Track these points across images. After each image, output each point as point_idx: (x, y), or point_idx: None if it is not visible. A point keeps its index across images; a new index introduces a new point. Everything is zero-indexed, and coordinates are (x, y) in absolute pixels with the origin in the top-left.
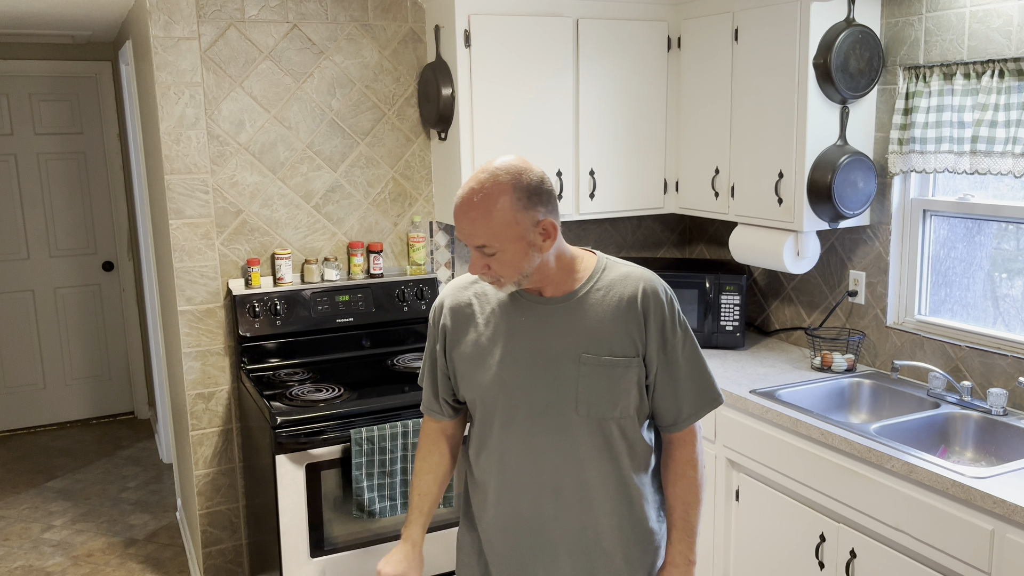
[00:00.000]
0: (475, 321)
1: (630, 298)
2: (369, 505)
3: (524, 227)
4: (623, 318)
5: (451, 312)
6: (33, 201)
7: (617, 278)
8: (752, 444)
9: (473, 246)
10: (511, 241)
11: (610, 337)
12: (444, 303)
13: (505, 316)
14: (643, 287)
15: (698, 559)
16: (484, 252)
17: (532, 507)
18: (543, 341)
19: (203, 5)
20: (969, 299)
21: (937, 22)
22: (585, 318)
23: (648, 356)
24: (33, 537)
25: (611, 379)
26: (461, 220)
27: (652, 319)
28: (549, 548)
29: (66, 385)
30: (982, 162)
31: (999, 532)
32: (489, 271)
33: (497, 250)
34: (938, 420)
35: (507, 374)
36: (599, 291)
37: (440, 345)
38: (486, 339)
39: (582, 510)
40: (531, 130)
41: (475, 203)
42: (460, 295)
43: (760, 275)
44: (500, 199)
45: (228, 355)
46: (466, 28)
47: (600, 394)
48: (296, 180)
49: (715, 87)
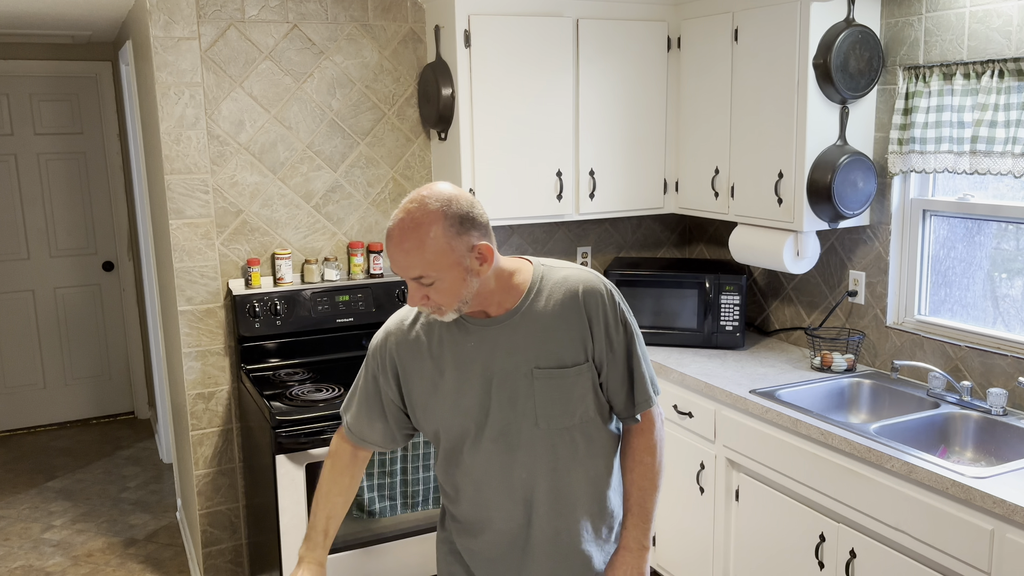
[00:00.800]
0: (424, 353)
1: (571, 302)
2: (369, 505)
3: (459, 253)
4: (567, 324)
5: (398, 347)
6: (33, 201)
7: (556, 284)
8: (752, 444)
9: (409, 278)
10: (447, 269)
11: (558, 347)
12: (389, 339)
13: (452, 343)
14: (582, 289)
15: (691, 559)
16: (421, 283)
17: (507, 521)
18: (494, 362)
19: (203, 5)
20: (969, 299)
21: (937, 22)
22: (531, 332)
23: (597, 357)
24: (33, 537)
25: (565, 389)
26: (395, 252)
27: (596, 320)
28: (529, 554)
29: (66, 385)
30: (982, 162)
31: (999, 532)
32: (428, 301)
33: (434, 279)
34: (938, 420)
35: (464, 401)
36: (540, 301)
37: (391, 380)
38: (438, 369)
39: (555, 516)
40: (531, 130)
41: (407, 234)
42: (405, 330)
43: (760, 275)
44: (432, 228)
45: (228, 355)
46: (466, 28)
47: (557, 405)
48: (296, 180)
49: (715, 87)
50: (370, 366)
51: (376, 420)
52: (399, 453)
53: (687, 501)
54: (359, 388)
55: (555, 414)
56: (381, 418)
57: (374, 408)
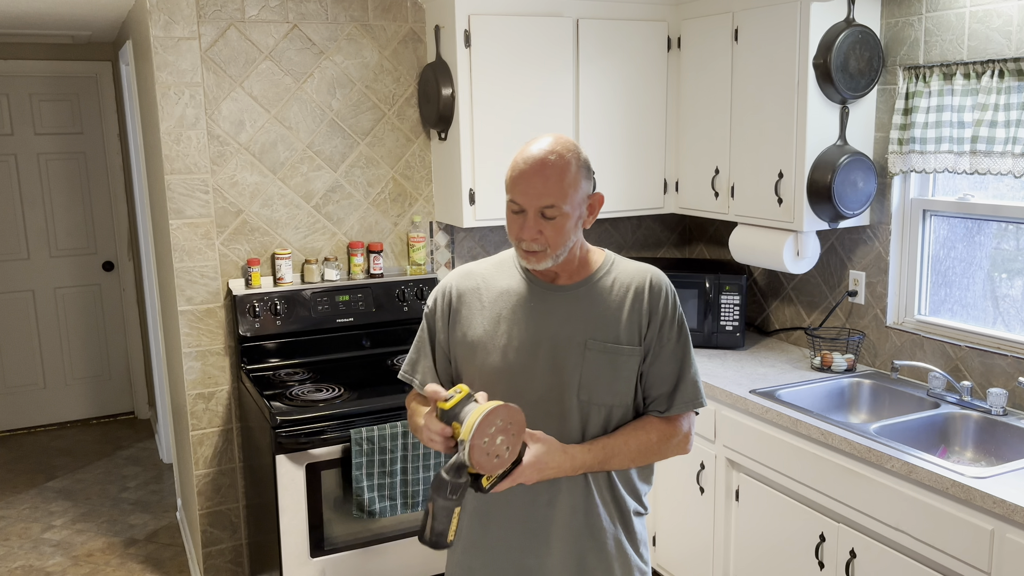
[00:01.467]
0: (481, 306)
1: (638, 289)
2: (369, 505)
3: (581, 196)
4: (629, 308)
5: (459, 296)
6: (33, 201)
7: (624, 270)
8: (752, 444)
9: (538, 207)
10: (573, 206)
11: (616, 325)
12: (451, 287)
13: (512, 302)
14: (651, 280)
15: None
16: (545, 215)
17: (527, 491)
18: (549, 327)
19: (203, 5)
20: (969, 299)
21: (937, 22)
22: (593, 305)
23: (646, 347)
24: (33, 537)
25: (614, 366)
26: (534, 177)
27: (655, 313)
28: (541, 534)
29: (66, 385)
30: (982, 162)
31: (999, 532)
32: (540, 237)
33: (558, 214)
34: (938, 420)
35: (511, 359)
36: (607, 281)
37: (444, 327)
38: (491, 324)
39: (572, 494)
40: (531, 130)
41: (551, 161)
42: (467, 280)
43: (760, 275)
44: (572, 162)
45: (228, 355)
46: (466, 28)
47: (602, 381)
48: (296, 180)
49: (715, 87)
50: (429, 319)
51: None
52: (399, 453)
53: (687, 501)
54: (424, 342)
55: (599, 389)
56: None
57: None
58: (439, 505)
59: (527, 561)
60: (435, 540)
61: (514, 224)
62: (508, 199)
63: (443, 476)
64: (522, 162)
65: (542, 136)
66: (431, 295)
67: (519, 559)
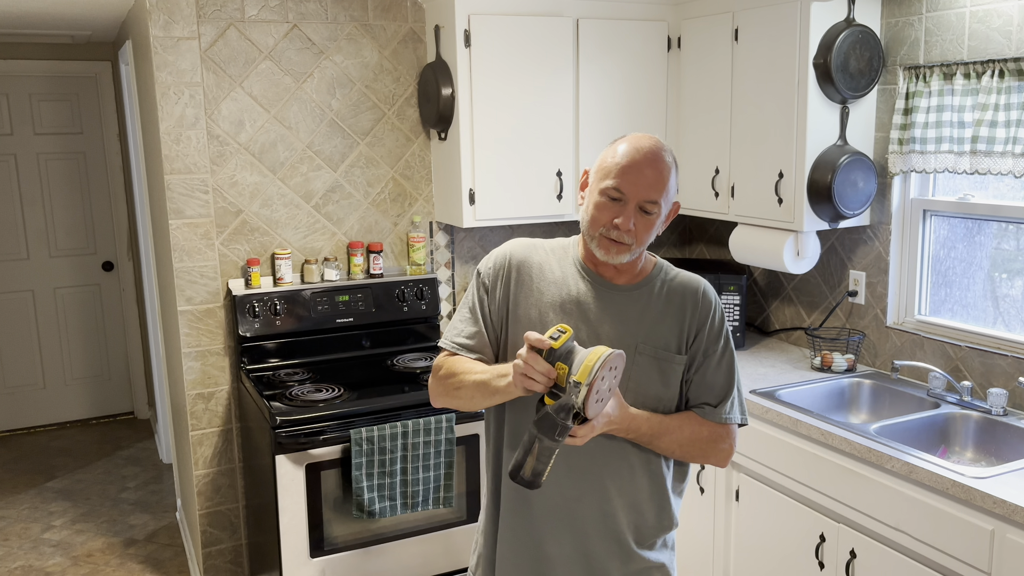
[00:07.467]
0: (538, 285)
1: (688, 299)
2: (369, 505)
3: (671, 200)
4: (676, 316)
5: (518, 267)
6: (33, 201)
7: (674, 278)
8: (752, 444)
9: (642, 199)
10: (666, 207)
11: (667, 332)
12: (512, 255)
13: (568, 290)
14: (701, 291)
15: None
16: (644, 209)
17: (555, 485)
18: (601, 325)
19: (203, 5)
20: (969, 299)
21: (937, 22)
22: (647, 309)
23: (690, 357)
24: (33, 537)
25: (663, 373)
26: (647, 169)
27: (703, 324)
28: (565, 525)
29: (66, 385)
30: (982, 162)
31: (999, 532)
32: (631, 232)
33: (656, 211)
34: (938, 420)
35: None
36: (656, 286)
37: (498, 296)
38: (545, 309)
39: (602, 497)
40: (531, 130)
41: (663, 158)
42: (530, 253)
43: (760, 275)
44: (673, 166)
45: (228, 355)
46: (466, 28)
47: (650, 386)
48: (296, 180)
49: (715, 87)
50: (479, 286)
51: (474, 326)
52: (399, 453)
53: (687, 501)
54: (474, 308)
55: (645, 393)
56: (478, 324)
57: (482, 328)
58: (544, 445)
59: (548, 547)
60: (532, 480)
61: (607, 211)
62: (607, 185)
63: (553, 415)
64: (635, 151)
65: (638, 133)
66: (489, 259)
67: (540, 545)
